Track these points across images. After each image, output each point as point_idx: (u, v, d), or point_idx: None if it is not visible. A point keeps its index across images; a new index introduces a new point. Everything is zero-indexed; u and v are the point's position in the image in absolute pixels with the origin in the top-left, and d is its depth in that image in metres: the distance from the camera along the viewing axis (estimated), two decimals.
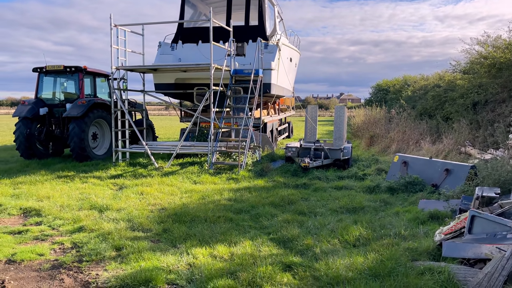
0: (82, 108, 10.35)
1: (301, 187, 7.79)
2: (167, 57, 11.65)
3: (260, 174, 8.98)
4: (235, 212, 5.91)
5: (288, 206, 6.32)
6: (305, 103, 74.73)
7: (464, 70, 13.85)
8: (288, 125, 18.88)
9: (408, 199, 6.55)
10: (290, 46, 14.02)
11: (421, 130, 12.01)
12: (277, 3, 13.23)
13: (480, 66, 11.68)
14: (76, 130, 10.26)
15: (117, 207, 6.20)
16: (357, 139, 16.57)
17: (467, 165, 6.66)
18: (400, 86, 23.57)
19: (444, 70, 16.68)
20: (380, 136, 13.50)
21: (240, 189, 7.45)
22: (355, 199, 6.54)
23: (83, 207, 6.26)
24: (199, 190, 7.44)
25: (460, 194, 5.81)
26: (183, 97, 12.71)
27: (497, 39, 11.69)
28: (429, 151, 9.85)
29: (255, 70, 10.42)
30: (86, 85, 11.53)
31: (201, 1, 13.37)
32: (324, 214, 5.88)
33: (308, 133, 11.43)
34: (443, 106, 12.97)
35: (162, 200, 6.72)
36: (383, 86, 29.25)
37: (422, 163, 7.48)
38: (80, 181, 8.30)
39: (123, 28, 10.35)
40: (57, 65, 11.08)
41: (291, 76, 14.98)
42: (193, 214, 5.66)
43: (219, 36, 11.02)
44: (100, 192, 7.25)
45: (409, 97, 17.56)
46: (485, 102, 11.01)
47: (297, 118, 35.01)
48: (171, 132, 21.81)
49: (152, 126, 13.24)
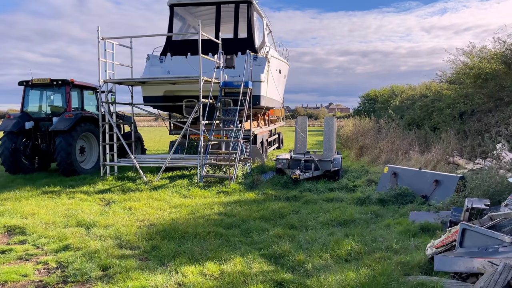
0: (69, 121, 10.21)
1: (292, 199, 7.74)
2: (156, 70, 11.60)
3: (250, 186, 8.91)
4: (225, 227, 5.83)
5: (279, 220, 6.25)
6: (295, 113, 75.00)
7: (450, 80, 14.03)
8: (278, 135, 18.88)
9: (398, 211, 6.54)
10: (279, 58, 14.08)
11: (409, 140, 12.09)
12: (265, 16, 13.32)
13: (466, 76, 11.84)
14: (62, 144, 10.10)
15: (105, 224, 6.07)
16: (346, 149, 16.62)
17: (456, 176, 6.68)
18: (388, 96, 23.83)
19: (431, 80, 16.91)
20: (370, 147, 13.55)
21: (230, 203, 7.37)
22: (346, 212, 6.51)
23: (69, 224, 6.12)
24: (189, 204, 7.33)
25: (450, 206, 5.82)
26: (172, 109, 12.63)
27: (482, 49, 11.88)
28: (418, 161, 9.89)
29: (245, 82, 10.42)
30: (74, 98, 11.40)
31: (189, 13, 13.39)
32: (315, 227, 5.83)
33: (298, 144, 11.42)
34: (430, 116, 13.10)
35: (150, 215, 6.60)
36: (371, 96, 29.55)
37: (411, 174, 7.50)
38: (66, 197, 8.14)
39: (111, 41, 10.29)
40: (44, 79, 10.94)
41: (281, 88, 15.02)
42: (183, 230, 5.56)
43: (208, 49, 11.01)
44: (87, 208, 7.11)
45: (397, 107, 17.73)
46: (471, 112, 11.13)
47: (287, 128, 35.05)
48: (160, 144, 21.65)
49: (140, 138, 13.12)
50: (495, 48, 11.09)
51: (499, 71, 10.19)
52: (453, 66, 13.46)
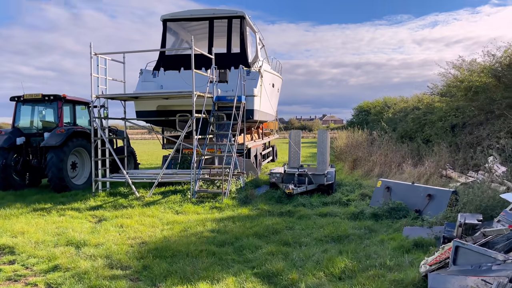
0: (61, 137, 10.13)
1: (286, 214, 7.69)
2: (149, 85, 11.59)
3: (244, 201, 8.86)
4: (218, 244, 5.76)
5: (272, 236, 6.20)
6: (289, 125, 75.32)
7: (441, 92, 14.16)
8: (272, 148, 18.88)
9: (392, 226, 6.52)
10: (272, 72, 14.15)
11: (402, 152, 12.13)
12: (258, 30, 13.41)
13: (456, 89, 11.96)
14: (54, 160, 10.01)
15: (95, 242, 5.98)
16: (340, 162, 16.64)
17: (448, 191, 6.69)
18: (381, 108, 23.99)
19: (423, 92, 17.06)
20: (363, 159, 13.57)
21: (223, 219, 7.31)
22: (339, 227, 6.47)
23: (59, 243, 6.02)
24: (181, 221, 7.26)
25: (443, 221, 5.82)
26: (165, 124, 12.60)
27: (472, 63, 12.02)
28: (411, 174, 9.91)
29: (238, 97, 10.44)
30: (66, 113, 11.34)
31: (183, 28, 13.46)
32: (309, 244, 5.78)
33: (292, 158, 11.41)
34: (423, 128, 13.18)
35: (142, 233, 6.52)
36: (364, 108, 29.74)
37: (405, 188, 7.50)
38: (57, 214, 8.02)
39: (103, 56, 10.29)
40: (35, 94, 10.89)
41: (274, 101, 15.07)
42: (175, 249, 5.49)
43: (201, 63, 11.04)
44: (78, 226, 7.01)
45: (390, 119, 17.83)
46: (463, 125, 11.22)
47: (281, 140, 35.11)
48: (153, 158, 21.54)
49: (133, 153, 13.05)
50: (485, 61, 11.23)
51: (489, 84, 10.31)
52: (444, 79, 13.62)
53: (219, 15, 12.12)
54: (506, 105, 9.33)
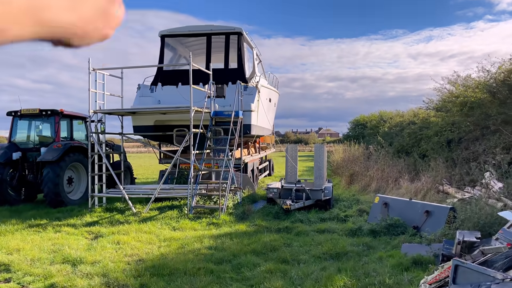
0: (58, 152, 10.10)
1: (284, 231, 7.66)
2: (146, 100, 11.62)
3: (241, 217, 8.82)
4: (216, 262, 5.72)
5: (270, 254, 6.16)
6: (285, 138, 75.53)
7: (437, 107, 14.28)
8: (269, 162, 18.89)
9: (390, 243, 6.50)
10: (269, 87, 14.25)
11: (399, 167, 12.16)
12: (255, 46, 13.54)
13: (452, 104, 12.07)
14: (50, 175, 9.96)
15: (92, 260, 5.92)
16: (337, 176, 16.64)
17: (446, 207, 6.71)
18: (377, 122, 24.13)
19: (418, 107, 17.20)
20: (360, 174, 13.59)
21: (221, 236, 7.27)
22: (338, 244, 6.45)
23: (55, 261, 5.95)
24: (179, 237, 7.21)
25: (442, 238, 5.81)
26: (162, 139, 12.60)
27: (467, 78, 12.17)
28: (408, 189, 9.93)
29: (235, 112, 10.48)
30: (63, 128, 11.32)
31: (180, 44, 13.56)
32: (307, 261, 5.75)
33: (289, 172, 11.41)
34: (419, 143, 13.24)
35: (139, 250, 6.46)
36: (360, 121, 29.90)
37: (402, 204, 7.51)
38: (53, 230, 7.95)
39: (102, 71, 10.33)
40: (33, 109, 10.89)
41: (271, 116, 15.14)
42: (172, 266, 5.44)
43: (198, 79, 11.11)
44: (74, 243, 6.94)
45: (386, 133, 17.91)
46: (459, 140, 11.29)
47: (277, 153, 35.15)
48: (149, 172, 21.48)
49: (130, 168, 13.00)
50: (479, 77, 11.36)
51: (484, 100, 10.42)
52: (439, 94, 13.75)
53: (217, 31, 12.24)
54: (502, 120, 9.43)
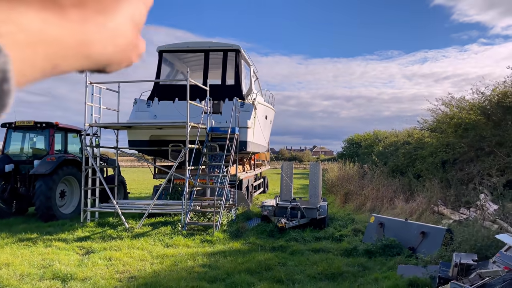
0: (51, 165, 9.99)
1: (278, 249, 7.57)
2: (143, 114, 11.61)
3: (235, 235, 8.72)
4: (209, 281, 5.62)
5: (265, 273, 6.07)
6: (279, 155, 75.52)
7: (431, 128, 14.39)
8: (263, 179, 18.82)
9: (386, 264, 6.44)
10: (265, 104, 14.31)
11: (394, 187, 12.16)
12: (252, 63, 13.65)
13: (446, 125, 12.17)
14: (43, 188, 9.83)
15: (82, 276, 5.79)
16: (332, 195, 16.60)
17: (442, 229, 6.68)
18: (372, 141, 24.24)
19: (413, 127, 17.32)
20: (355, 193, 13.56)
21: (215, 253, 7.16)
22: (333, 264, 6.37)
23: (45, 276, 5.82)
24: (172, 254, 7.10)
25: (438, 260, 5.77)
26: (157, 154, 12.55)
27: (461, 100, 12.30)
28: (403, 209, 9.91)
29: (232, 128, 10.48)
30: (57, 141, 11.24)
31: (178, 59, 13.64)
32: (302, 281, 5.67)
33: (284, 190, 11.37)
34: (414, 163, 13.29)
35: (131, 266, 6.34)
36: (355, 140, 30.02)
37: (398, 225, 7.47)
38: (43, 245, 7.80)
39: (98, 85, 10.32)
40: (28, 121, 10.81)
41: (267, 133, 15.17)
42: (165, 284, 5.34)
43: (195, 94, 11.13)
44: (65, 258, 6.80)
45: (381, 153, 17.97)
46: (453, 161, 11.34)
47: (272, 171, 35.09)
48: (143, 186, 21.30)
49: (124, 182, 12.88)
50: (474, 99, 11.50)
51: (479, 122, 10.52)
52: (433, 115, 13.87)
53: (215, 47, 12.34)
54: (496, 142, 9.51)
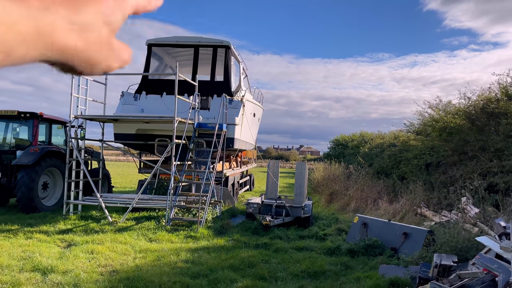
0: (34, 156, 9.82)
1: (262, 247, 7.58)
2: (130, 108, 11.49)
3: (220, 231, 8.71)
4: (192, 276, 5.60)
5: (248, 270, 6.07)
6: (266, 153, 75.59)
7: (417, 131, 14.59)
8: (249, 177, 18.83)
9: (368, 263, 6.50)
10: (254, 102, 14.30)
11: (378, 188, 12.30)
12: (242, 60, 13.62)
13: (432, 128, 12.35)
14: (25, 179, 9.66)
15: (63, 269, 5.71)
16: (317, 194, 16.71)
17: (424, 230, 6.78)
18: (358, 142, 24.48)
19: (399, 129, 17.55)
20: (340, 193, 13.68)
21: (198, 249, 7.14)
22: (316, 262, 6.41)
23: (25, 268, 5.72)
24: (155, 249, 7.05)
25: (419, 260, 5.85)
26: (143, 148, 12.43)
27: (448, 104, 12.50)
28: (387, 210, 10.03)
29: (219, 125, 10.44)
30: (41, 132, 11.05)
31: (167, 53, 13.53)
32: (285, 279, 5.69)
33: (270, 188, 11.38)
34: (398, 165, 13.45)
35: (114, 260, 6.28)
36: (340, 141, 30.27)
37: (381, 225, 7.55)
38: (24, 237, 7.67)
39: (85, 76, 10.16)
40: (11, 110, 10.59)
41: (254, 131, 15.16)
42: (147, 279, 5.30)
43: (184, 89, 11.06)
44: (46, 251, 6.70)
45: (366, 154, 18.17)
46: (437, 164, 11.51)
47: (258, 169, 35.13)
48: (127, 181, 21.11)
49: (108, 176, 12.73)
50: (460, 103, 11.69)
51: (463, 126, 10.70)
52: (420, 118, 14.07)
53: (205, 43, 12.27)
54: (479, 147, 9.67)
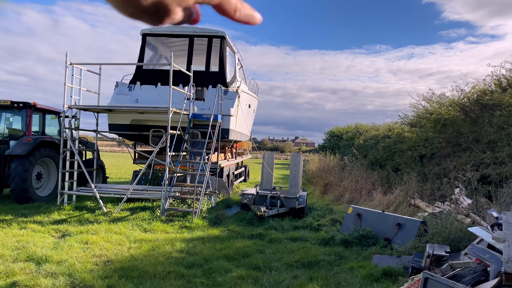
0: (28, 146, 9.75)
1: (257, 237, 7.62)
2: (124, 98, 11.40)
3: (215, 222, 8.73)
4: (187, 266, 5.62)
5: (242, 260, 6.11)
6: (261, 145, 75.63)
7: (411, 122, 14.64)
8: (244, 168, 18.84)
9: (362, 253, 6.56)
10: (249, 93, 14.25)
11: (373, 180, 12.36)
12: (237, 51, 13.54)
13: (426, 120, 12.40)
14: (18, 169, 9.60)
15: (58, 259, 5.71)
16: (311, 186, 16.76)
17: (417, 221, 6.84)
18: (353, 134, 24.51)
19: (394, 121, 17.60)
20: (334, 184, 13.74)
21: (193, 239, 7.16)
22: (310, 252, 6.46)
23: (19, 258, 5.71)
24: (150, 239, 7.06)
25: (412, 250, 5.91)
26: (138, 138, 12.38)
27: (442, 96, 12.54)
28: (381, 202, 10.10)
29: (214, 116, 10.41)
30: (34, 121, 10.96)
31: (162, 43, 13.42)
32: (279, 269, 5.73)
33: (265, 179, 11.40)
34: (393, 157, 13.51)
35: (108, 250, 6.29)
36: (335, 133, 30.30)
37: (375, 216, 7.61)
38: (18, 227, 7.65)
39: (79, 66, 10.08)
40: (4, 100, 10.48)
41: (249, 122, 15.13)
42: (142, 269, 5.32)
43: (178, 80, 11.00)
44: (40, 241, 6.69)
45: (361, 146, 18.20)
46: (431, 156, 11.58)
47: (253, 160, 35.14)
48: (122, 172, 21.05)
49: (103, 166, 12.69)
50: (453, 95, 11.73)
51: (457, 118, 10.74)
52: (414, 110, 14.11)
53: (200, 33, 12.18)
54: (473, 139, 9.73)
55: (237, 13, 0.53)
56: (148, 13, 0.45)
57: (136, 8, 0.43)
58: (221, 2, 0.50)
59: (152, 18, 0.46)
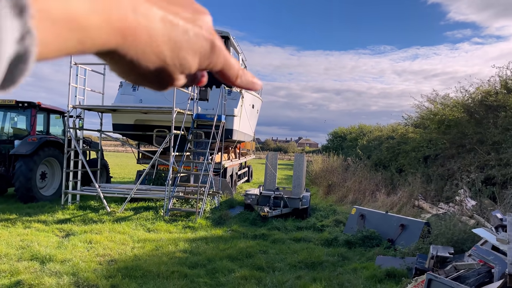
0: (32, 145, 9.80)
1: (260, 237, 7.62)
2: (128, 98, 11.44)
3: (218, 222, 8.74)
4: (190, 266, 5.64)
5: (246, 260, 6.11)
6: (265, 145, 75.70)
7: (415, 123, 14.60)
8: (248, 169, 18.86)
9: (365, 254, 6.55)
10: (253, 94, 14.26)
11: (376, 181, 12.34)
12: (241, 51, 13.56)
13: (430, 121, 12.36)
14: (23, 168, 9.65)
15: (62, 258, 5.74)
16: (315, 186, 16.75)
17: (421, 222, 6.82)
18: (356, 135, 24.47)
19: (397, 122, 17.55)
20: (338, 185, 13.72)
21: (196, 239, 7.18)
22: (313, 253, 6.46)
23: (23, 257, 5.75)
24: (153, 239, 7.08)
25: (416, 252, 5.89)
26: (141, 138, 12.42)
27: (446, 97, 12.49)
28: (384, 203, 10.07)
29: (218, 116, 10.43)
30: (39, 121, 11.02)
31: None
32: (282, 269, 5.73)
33: (268, 179, 11.40)
34: (396, 158, 13.48)
35: (112, 250, 6.31)
36: (339, 134, 30.26)
37: (378, 217, 7.59)
38: (22, 226, 7.69)
39: (84, 66, 10.12)
40: (9, 100, 10.55)
41: (253, 122, 15.15)
42: (145, 268, 5.33)
43: None
44: (44, 240, 6.72)
45: (364, 146, 18.17)
46: (435, 157, 11.54)
47: (256, 160, 35.15)
48: (126, 171, 21.11)
49: (106, 166, 12.74)
50: (457, 96, 11.68)
51: (462, 119, 10.69)
52: (418, 111, 14.07)
53: None
54: (477, 140, 9.69)
55: (238, 79, 0.53)
56: (150, 81, 0.45)
57: (137, 75, 0.43)
58: (223, 69, 0.51)
59: (154, 84, 0.46)
